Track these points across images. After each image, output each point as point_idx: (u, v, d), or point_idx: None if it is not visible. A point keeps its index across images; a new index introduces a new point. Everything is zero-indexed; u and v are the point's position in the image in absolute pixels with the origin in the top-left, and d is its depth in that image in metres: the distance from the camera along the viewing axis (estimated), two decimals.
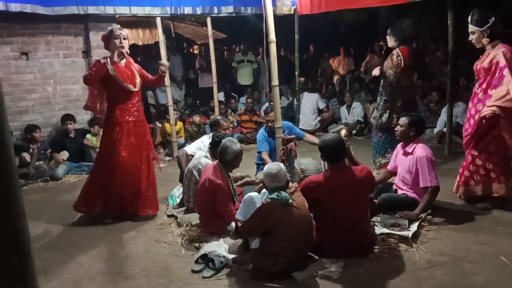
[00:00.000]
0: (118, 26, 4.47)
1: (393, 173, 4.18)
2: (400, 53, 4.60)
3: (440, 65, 8.97)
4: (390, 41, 4.77)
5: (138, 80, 4.19)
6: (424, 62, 9.41)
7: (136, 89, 4.18)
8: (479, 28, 3.70)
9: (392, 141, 4.64)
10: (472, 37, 3.80)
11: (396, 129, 4.04)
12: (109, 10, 6.18)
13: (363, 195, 3.24)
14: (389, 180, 4.38)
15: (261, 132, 4.99)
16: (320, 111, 8.30)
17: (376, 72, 4.83)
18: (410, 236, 3.37)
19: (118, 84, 4.06)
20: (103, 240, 3.76)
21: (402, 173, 3.98)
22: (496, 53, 3.67)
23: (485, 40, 3.73)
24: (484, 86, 3.79)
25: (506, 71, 3.58)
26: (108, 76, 4.03)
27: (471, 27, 3.77)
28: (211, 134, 4.59)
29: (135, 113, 4.19)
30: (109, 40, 4.08)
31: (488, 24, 3.67)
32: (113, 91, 4.11)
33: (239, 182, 4.08)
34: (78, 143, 6.37)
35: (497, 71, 3.65)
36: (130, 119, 4.14)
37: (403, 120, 3.96)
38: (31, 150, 5.80)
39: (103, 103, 4.28)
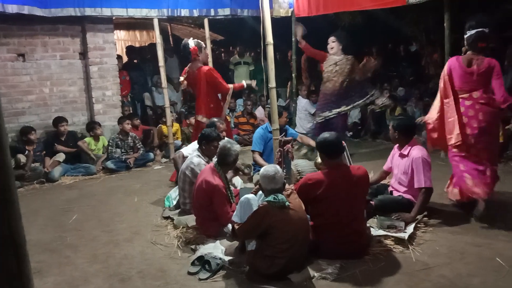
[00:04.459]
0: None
1: (388, 173, 4.28)
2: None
3: (436, 67, 8.99)
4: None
5: None
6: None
7: None
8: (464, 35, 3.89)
9: None
10: None
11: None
12: (106, 12, 6.19)
13: (359, 193, 3.25)
14: (385, 182, 4.41)
15: (258, 131, 5.02)
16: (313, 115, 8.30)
17: None
18: (406, 238, 3.38)
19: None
20: (98, 242, 3.75)
21: (398, 174, 4.01)
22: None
23: (463, 48, 3.92)
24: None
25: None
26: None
27: None
28: None
29: None
30: (200, 51, 5.26)
31: (466, 35, 3.85)
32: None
33: (231, 174, 4.10)
34: (69, 146, 6.22)
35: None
36: None
37: (391, 124, 4.08)
38: (26, 152, 5.77)
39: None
